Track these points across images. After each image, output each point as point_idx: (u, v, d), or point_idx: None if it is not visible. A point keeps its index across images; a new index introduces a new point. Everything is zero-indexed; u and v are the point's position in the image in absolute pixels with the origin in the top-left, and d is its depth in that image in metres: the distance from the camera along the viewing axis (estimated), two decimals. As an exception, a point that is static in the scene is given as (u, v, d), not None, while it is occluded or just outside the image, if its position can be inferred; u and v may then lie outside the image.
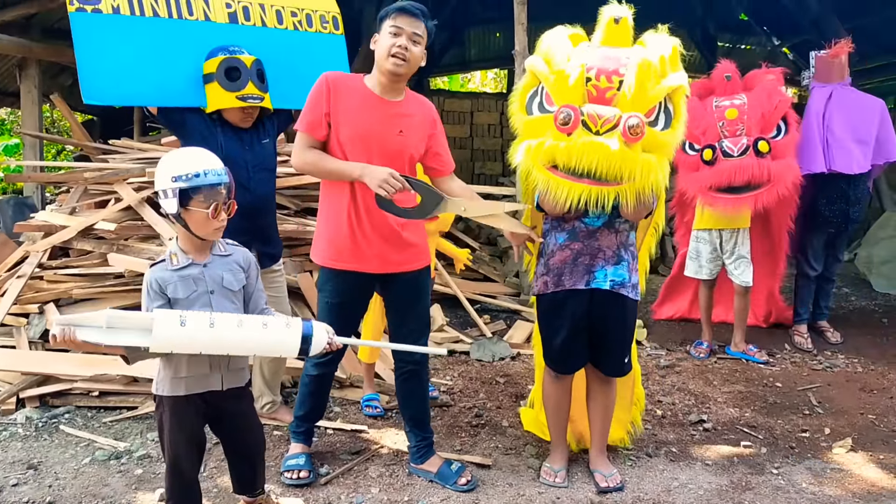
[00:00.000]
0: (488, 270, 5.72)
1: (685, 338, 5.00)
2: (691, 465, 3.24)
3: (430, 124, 2.91)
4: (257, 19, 3.44)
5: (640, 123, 2.53)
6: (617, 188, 2.56)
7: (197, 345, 2.11)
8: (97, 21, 3.05)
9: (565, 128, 2.58)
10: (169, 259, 2.26)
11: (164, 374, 2.28)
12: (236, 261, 2.36)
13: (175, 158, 2.25)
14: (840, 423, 3.73)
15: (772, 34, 11.45)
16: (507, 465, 3.17)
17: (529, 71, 2.81)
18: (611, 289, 2.86)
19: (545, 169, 2.62)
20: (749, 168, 4.19)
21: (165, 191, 2.20)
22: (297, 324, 2.23)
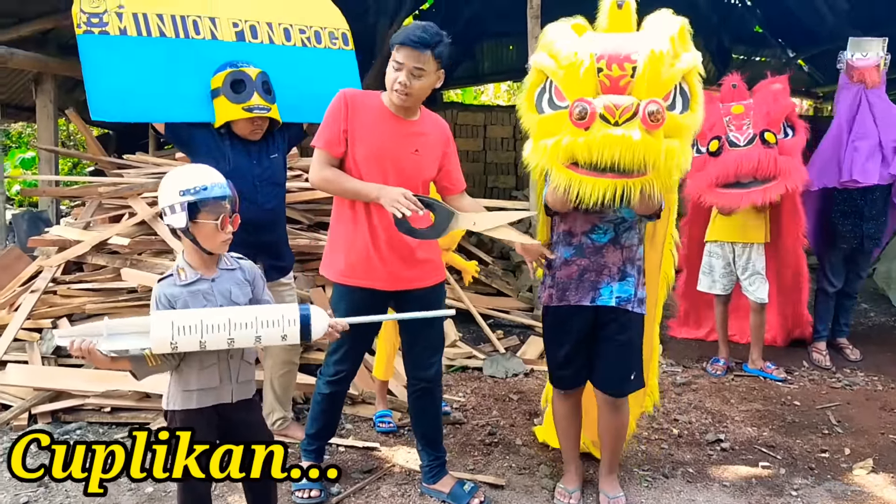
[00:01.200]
0: (501, 285, 5.68)
1: (701, 354, 4.93)
2: (709, 486, 3.18)
3: (444, 143, 2.90)
4: (265, 37, 3.44)
5: (660, 109, 2.41)
6: (643, 179, 2.45)
7: (193, 336, 2.07)
8: (105, 42, 3.09)
9: (582, 122, 2.45)
10: (177, 274, 2.25)
11: (174, 389, 2.27)
12: (242, 274, 2.36)
13: (180, 174, 2.25)
14: (860, 443, 3.66)
15: (787, 46, 11.40)
16: (521, 486, 3.13)
17: (535, 68, 2.71)
18: (617, 305, 2.82)
19: (565, 167, 2.51)
20: (755, 157, 4.15)
21: (173, 206, 2.19)
22: (292, 304, 2.24)
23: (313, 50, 3.60)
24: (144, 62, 3.17)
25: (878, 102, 4.48)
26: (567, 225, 2.88)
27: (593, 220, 2.83)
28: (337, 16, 3.70)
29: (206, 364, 2.23)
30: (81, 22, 3.06)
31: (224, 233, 2.23)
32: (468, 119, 8.89)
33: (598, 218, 2.82)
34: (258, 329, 2.13)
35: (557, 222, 2.95)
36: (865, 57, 4.42)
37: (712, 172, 4.25)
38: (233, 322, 2.10)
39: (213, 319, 2.09)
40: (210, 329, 2.08)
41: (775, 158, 4.17)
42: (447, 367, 4.53)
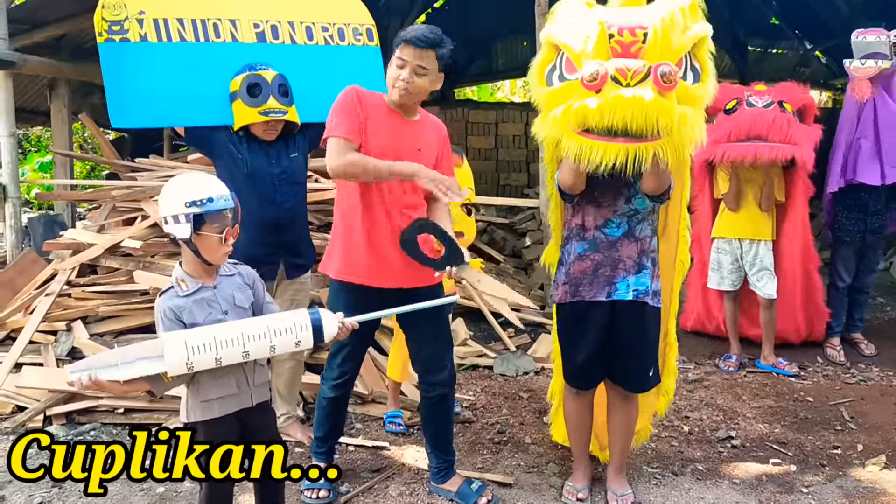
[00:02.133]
0: (513, 283, 5.68)
1: (714, 351, 4.90)
2: (718, 483, 3.17)
3: (441, 143, 2.92)
4: (286, 37, 3.42)
5: (673, 71, 2.37)
6: (655, 144, 2.39)
7: (209, 354, 2.08)
8: (125, 49, 3.09)
9: (594, 84, 2.40)
10: (177, 286, 2.24)
11: (192, 401, 2.26)
12: (241, 279, 2.36)
13: (186, 184, 2.24)
14: (874, 438, 3.63)
15: (804, 38, 11.28)
16: (529, 484, 3.13)
17: (546, 43, 2.70)
18: (634, 298, 2.81)
19: (576, 134, 2.45)
20: (771, 115, 4.15)
21: (178, 216, 2.18)
22: (302, 310, 2.24)
23: (336, 48, 3.57)
24: (164, 67, 3.18)
25: (882, 105, 4.44)
26: (580, 219, 2.87)
27: (606, 214, 2.82)
28: (361, 11, 3.65)
29: (220, 373, 2.21)
30: (103, 30, 3.07)
31: (226, 245, 2.23)
32: (480, 117, 8.88)
33: (610, 211, 2.82)
34: (272, 339, 2.15)
35: (570, 217, 2.94)
36: (863, 66, 4.37)
37: (726, 127, 4.25)
38: (246, 335, 2.11)
39: (225, 335, 2.09)
40: (224, 344, 2.08)
41: (789, 121, 4.17)
42: (458, 367, 4.53)
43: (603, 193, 2.82)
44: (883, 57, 4.37)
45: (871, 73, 4.37)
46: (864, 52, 4.41)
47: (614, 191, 2.82)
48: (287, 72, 3.27)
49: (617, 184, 2.80)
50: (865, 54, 4.40)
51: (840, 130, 4.57)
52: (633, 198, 2.82)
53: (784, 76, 4.81)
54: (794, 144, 4.14)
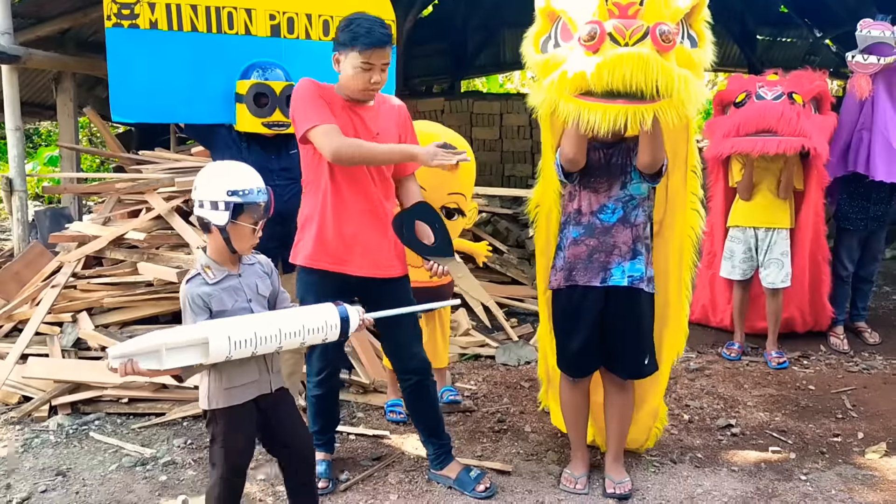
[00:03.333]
0: (516, 273, 5.69)
1: (717, 340, 4.90)
2: (717, 471, 3.17)
3: (401, 123, 2.89)
4: (301, 31, 3.34)
5: (671, 30, 2.38)
6: (654, 105, 2.38)
7: (248, 349, 2.13)
8: (133, 37, 3.01)
9: (591, 43, 2.39)
10: (204, 273, 2.27)
11: (214, 387, 2.28)
12: (261, 269, 2.41)
13: (227, 172, 2.29)
14: (874, 426, 3.63)
15: (813, 27, 11.19)
16: (528, 472, 3.15)
17: (541, 13, 2.69)
18: (629, 285, 2.82)
19: (574, 97, 2.43)
20: (779, 108, 4.12)
21: (217, 203, 2.22)
22: (332, 308, 2.29)
23: None
24: (171, 59, 3.12)
25: (881, 98, 4.42)
26: (576, 204, 2.89)
27: (602, 200, 2.85)
28: (385, 6, 3.53)
29: (244, 361, 2.23)
30: (111, 13, 2.96)
31: (255, 237, 2.30)
32: (485, 108, 8.88)
33: (606, 197, 2.84)
34: (304, 337, 2.23)
35: (567, 202, 2.95)
36: (865, 61, 4.34)
37: (734, 121, 4.24)
38: (283, 332, 2.18)
39: (265, 331, 2.14)
40: (263, 340, 2.14)
41: (799, 114, 4.14)
42: (460, 356, 4.56)
43: (599, 179, 2.85)
44: (887, 52, 4.33)
45: (873, 70, 4.34)
46: (867, 46, 4.38)
47: (610, 176, 2.84)
48: (296, 69, 3.23)
49: (613, 169, 2.83)
50: (868, 47, 4.37)
51: (842, 120, 4.54)
52: (629, 183, 2.84)
53: (794, 65, 4.78)
54: (805, 136, 4.12)
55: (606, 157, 2.83)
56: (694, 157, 2.98)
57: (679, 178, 3.02)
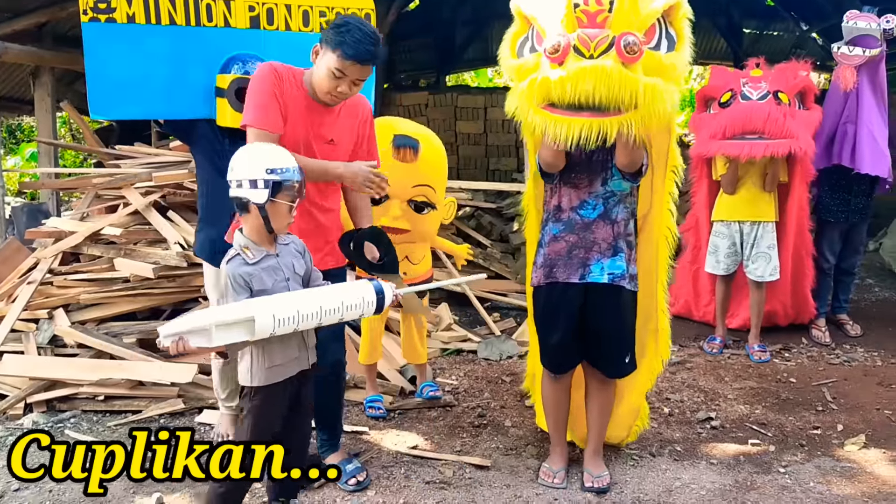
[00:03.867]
0: (500, 268, 5.66)
1: (699, 334, 4.90)
2: (696, 464, 3.17)
3: (360, 127, 2.82)
4: (281, 22, 3.26)
5: (637, 41, 2.34)
6: (620, 118, 2.35)
7: (290, 325, 2.20)
8: (110, 31, 2.92)
9: (556, 56, 2.37)
10: (243, 253, 2.33)
11: (258, 366, 2.35)
12: (295, 248, 2.48)
13: (266, 151, 2.35)
14: (854, 419, 3.63)
15: (799, 19, 11.20)
16: (507, 466, 3.13)
17: (517, 14, 2.66)
18: (610, 282, 2.80)
19: (541, 109, 2.42)
20: (766, 109, 4.09)
21: (256, 181, 2.28)
22: (368, 285, 2.38)
23: None
24: (150, 54, 3.03)
25: (865, 91, 4.41)
26: (557, 200, 2.87)
27: (582, 195, 2.82)
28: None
29: (286, 339, 2.33)
30: (87, 7, 2.87)
31: (291, 215, 2.37)
32: (469, 102, 8.84)
33: (587, 193, 2.81)
34: (343, 313, 2.32)
35: (548, 198, 2.93)
36: (850, 53, 4.33)
37: (721, 122, 4.20)
38: (324, 309, 2.26)
39: (308, 308, 2.22)
40: (305, 318, 2.22)
41: (785, 115, 4.12)
42: (441, 351, 4.54)
43: (580, 175, 2.82)
44: (872, 44, 4.32)
45: (859, 62, 4.32)
46: (852, 37, 4.36)
47: (591, 173, 2.81)
48: (274, 59, 3.19)
49: (594, 166, 2.80)
50: (853, 39, 4.35)
51: (826, 112, 4.53)
52: (610, 180, 2.81)
53: (780, 58, 4.76)
54: (791, 137, 4.09)
55: (587, 154, 2.79)
56: (674, 157, 2.95)
57: (663, 175, 3.00)
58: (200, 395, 3.60)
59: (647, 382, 3.16)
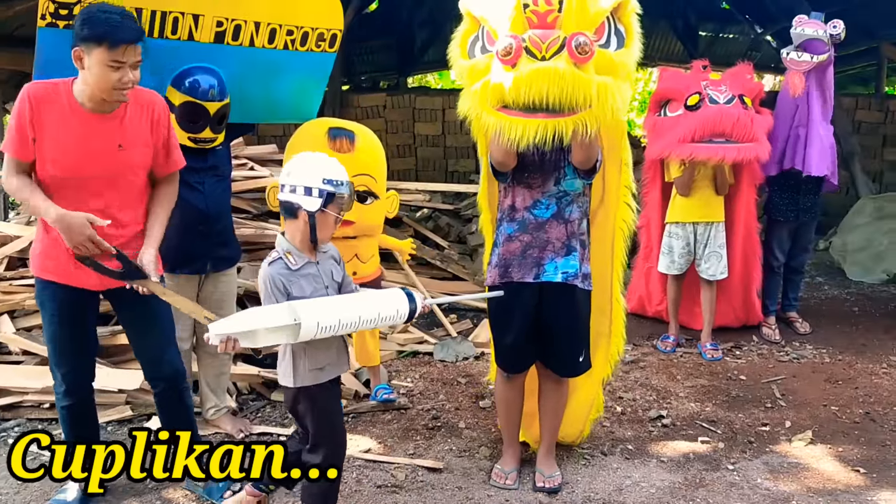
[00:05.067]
0: (457, 269, 5.66)
1: (652, 332, 4.95)
2: (646, 462, 3.20)
3: (156, 126, 2.64)
4: (246, 39, 3.21)
5: (588, 41, 2.34)
6: (574, 118, 2.37)
7: (330, 332, 2.24)
8: (67, 38, 2.68)
9: (508, 58, 2.37)
10: (285, 258, 2.35)
11: (303, 368, 2.39)
12: (332, 256, 2.50)
13: (323, 162, 2.38)
14: (801, 415, 3.70)
15: (754, 22, 11.39)
16: (460, 468, 3.13)
17: (466, 14, 2.66)
18: (563, 281, 2.81)
19: (495, 110, 2.43)
20: (736, 113, 4.15)
21: (312, 189, 2.31)
22: (400, 293, 2.40)
23: (290, 53, 3.37)
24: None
25: (814, 95, 4.48)
26: (510, 200, 2.88)
27: (536, 195, 2.83)
28: (337, 15, 3.43)
29: (328, 341, 2.36)
30: (47, 13, 2.76)
31: (336, 227, 2.42)
32: (427, 103, 8.83)
33: (540, 193, 2.82)
34: (378, 322, 2.37)
35: (502, 198, 2.94)
36: (799, 58, 4.40)
37: (690, 125, 4.21)
38: (363, 319, 2.30)
39: (348, 318, 2.26)
40: (344, 326, 2.27)
41: (752, 119, 4.19)
42: (398, 353, 4.52)
43: (533, 175, 2.83)
44: (821, 49, 4.38)
45: (807, 68, 4.39)
46: (801, 42, 4.43)
47: (544, 172, 2.82)
48: (231, 73, 3.16)
49: (547, 165, 2.81)
50: (802, 45, 4.42)
51: (778, 117, 4.61)
52: (563, 179, 2.82)
53: (735, 61, 4.83)
54: (757, 141, 4.18)
55: (540, 154, 2.79)
56: (626, 152, 2.98)
57: (614, 172, 3.02)
58: (148, 402, 3.53)
59: (600, 374, 3.18)
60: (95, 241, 2.42)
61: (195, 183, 3.10)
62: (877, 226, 6.86)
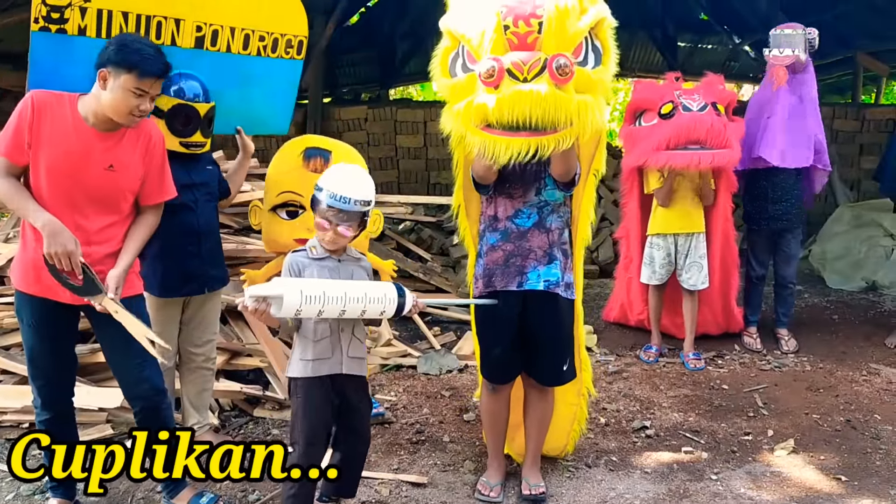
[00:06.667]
0: (440, 281, 5.66)
1: (636, 342, 4.97)
2: (630, 473, 3.20)
3: (150, 154, 2.69)
4: (223, 44, 3.26)
5: (569, 63, 2.38)
6: (556, 136, 2.42)
7: (315, 308, 2.30)
8: (59, 42, 2.85)
9: (491, 80, 2.41)
10: (309, 250, 2.56)
11: (295, 358, 2.55)
12: (363, 265, 2.65)
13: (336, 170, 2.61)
14: (784, 424, 3.72)
15: (732, 33, 11.53)
16: (444, 483, 3.12)
17: (446, 32, 2.68)
18: (545, 289, 2.83)
19: (479, 129, 2.47)
20: (709, 120, 4.18)
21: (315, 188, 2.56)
22: (391, 284, 2.50)
23: (263, 60, 3.41)
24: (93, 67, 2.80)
25: (791, 92, 4.51)
26: (493, 210, 2.91)
27: (517, 205, 2.86)
28: (301, 22, 3.49)
29: (320, 336, 2.51)
30: (40, 16, 2.80)
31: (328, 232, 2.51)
32: (408, 116, 8.82)
33: (521, 202, 2.86)
34: (366, 304, 2.40)
35: (485, 209, 2.97)
36: (781, 54, 4.45)
37: (664, 133, 4.24)
38: (348, 296, 2.36)
39: (333, 291, 2.34)
40: (329, 300, 2.32)
41: (725, 125, 4.23)
42: (381, 367, 4.51)
43: (514, 185, 2.86)
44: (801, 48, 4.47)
45: (789, 61, 4.43)
46: (778, 43, 4.50)
47: (525, 183, 2.86)
48: (209, 79, 3.17)
49: (528, 176, 2.84)
50: (781, 42, 4.50)
51: (749, 112, 4.66)
52: (543, 190, 2.85)
53: (714, 71, 4.88)
54: (730, 147, 4.21)
55: (521, 165, 2.82)
56: (599, 163, 3.00)
57: (589, 185, 3.04)
58: (129, 420, 3.49)
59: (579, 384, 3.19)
60: (72, 259, 2.42)
61: (189, 201, 3.09)
62: (855, 234, 6.93)
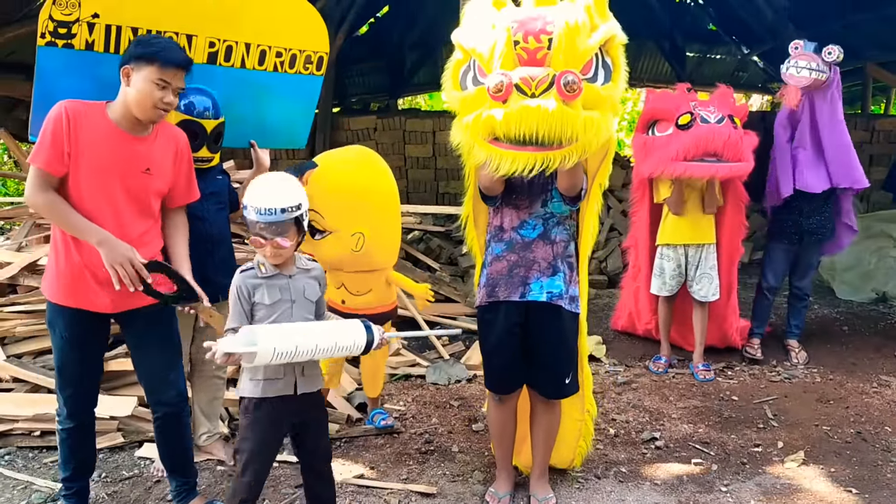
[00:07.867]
0: (449, 291, 5.67)
1: (644, 353, 4.96)
2: (640, 485, 3.20)
3: (178, 159, 2.75)
4: (237, 60, 3.25)
5: (577, 80, 2.40)
6: (562, 151, 2.45)
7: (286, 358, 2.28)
8: (66, 57, 2.82)
9: (499, 95, 2.44)
10: (257, 267, 2.45)
11: (245, 377, 2.48)
12: (314, 276, 2.56)
13: (263, 184, 2.45)
14: (794, 435, 3.71)
15: (740, 43, 11.55)
16: (453, 493, 3.12)
17: (458, 46, 2.70)
18: (548, 300, 2.83)
19: (486, 142, 2.50)
20: (727, 132, 4.18)
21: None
22: (358, 324, 2.44)
23: (281, 76, 3.40)
24: (102, 82, 2.88)
25: (822, 107, 4.45)
26: (499, 220, 2.92)
27: (523, 216, 2.87)
28: (322, 38, 3.47)
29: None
30: (47, 31, 2.78)
31: (267, 249, 2.39)
32: (417, 126, 8.85)
33: (527, 213, 2.87)
34: (335, 352, 2.38)
35: (491, 219, 2.98)
36: (798, 74, 4.37)
37: (682, 144, 4.23)
38: (319, 347, 2.33)
39: (305, 346, 2.30)
40: (301, 354, 2.29)
41: (741, 137, 4.23)
42: (390, 377, 4.51)
43: (521, 196, 2.88)
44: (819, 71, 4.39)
45: (806, 84, 4.37)
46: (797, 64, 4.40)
47: (531, 195, 2.87)
48: (223, 94, 3.18)
49: (535, 188, 2.85)
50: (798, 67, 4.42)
51: (777, 143, 4.62)
52: (549, 202, 2.86)
53: (723, 81, 4.88)
54: (746, 160, 4.22)
55: (528, 178, 2.84)
56: (603, 177, 3.01)
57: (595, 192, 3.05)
58: (140, 429, 3.52)
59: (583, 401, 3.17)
60: (136, 266, 2.50)
61: (200, 211, 3.09)
62: (865, 245, 6.90)
